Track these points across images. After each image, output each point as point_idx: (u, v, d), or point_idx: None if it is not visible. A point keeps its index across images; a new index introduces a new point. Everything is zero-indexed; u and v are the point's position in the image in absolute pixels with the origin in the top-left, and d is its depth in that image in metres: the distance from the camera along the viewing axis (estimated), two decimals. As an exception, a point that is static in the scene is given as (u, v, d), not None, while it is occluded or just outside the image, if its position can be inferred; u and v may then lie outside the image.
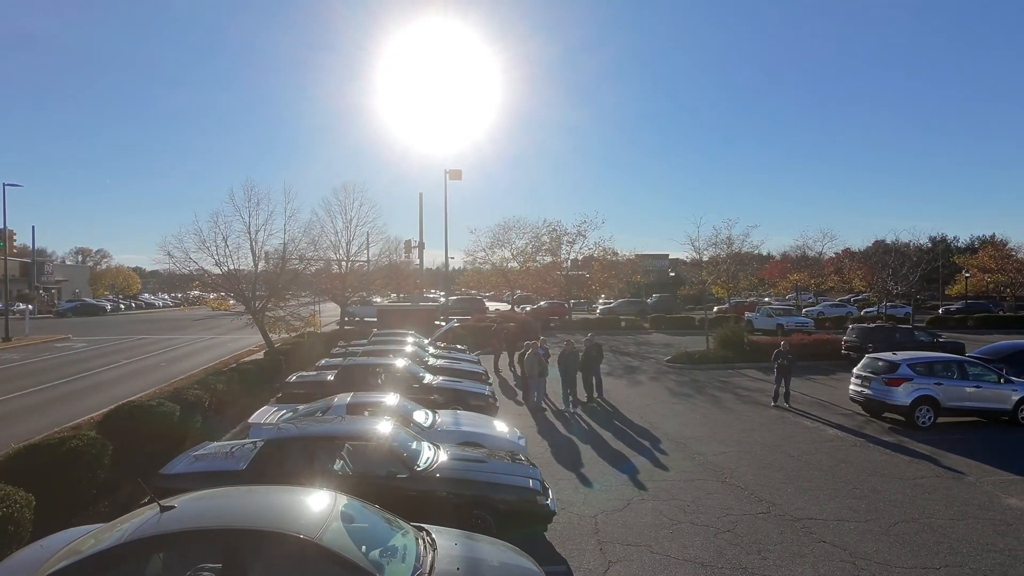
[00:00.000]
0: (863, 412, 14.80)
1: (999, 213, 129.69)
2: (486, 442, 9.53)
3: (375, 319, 26.82)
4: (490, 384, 16.25)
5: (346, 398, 9.93)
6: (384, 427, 7.49)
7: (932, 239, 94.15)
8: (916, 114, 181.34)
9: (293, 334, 19.93)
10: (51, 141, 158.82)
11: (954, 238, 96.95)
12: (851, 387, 14.84)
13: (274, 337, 19.53)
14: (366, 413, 9.80)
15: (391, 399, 9.93)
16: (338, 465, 7.16)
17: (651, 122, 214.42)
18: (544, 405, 15.40)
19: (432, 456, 7.48)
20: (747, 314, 38.96)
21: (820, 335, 25.42)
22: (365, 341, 20.14)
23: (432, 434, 9.43)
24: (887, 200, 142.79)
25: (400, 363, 13.57)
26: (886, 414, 14.22)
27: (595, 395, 16.28)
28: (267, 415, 9.94)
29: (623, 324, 38.77)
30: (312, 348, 20.51)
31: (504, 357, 22.01)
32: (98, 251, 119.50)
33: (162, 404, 10.06)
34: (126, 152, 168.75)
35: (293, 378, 13.48)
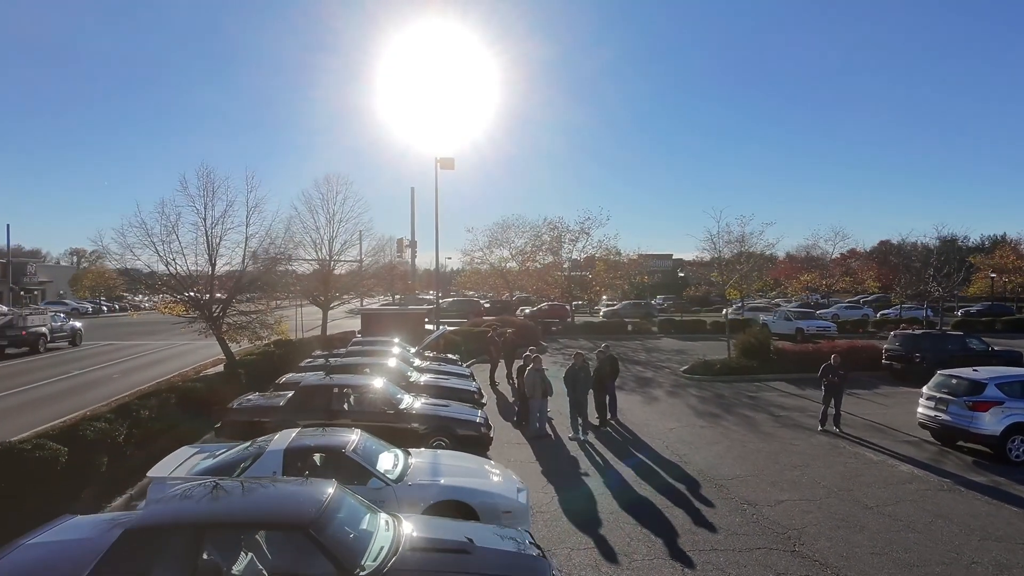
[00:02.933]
0: (933, 440, 12.30)
1: (1006, 212, 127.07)
2: (475, 500, 7.05)
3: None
4: (484, 403, 13.75)
5: (288, 437, 7.41)
6: (314, 505, 4.96)
7: (941, 238, 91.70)
8: (920, 114, 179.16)
9: (258, 343, 17.38)
10: (54, 141, 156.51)
11: (964, 238, 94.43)
12: (920, 410, 12.32)
13: (235, 348, 16.98)
14: (315, 459, 7.33)
15: (349, 439, 7.42)
16: (239, 567, 4.66)
17: (652, 122, 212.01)
18: (547, 431, 12.89)
19: (388, 545, 4.97)
20: (762, 317, 36.42)
21: (853, 341, 22.93)
22: (343, 350, 17.63)
23: (399, 492, 6.94)
24: (890, 200, 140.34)
25: (373, 383, 11.05)
26: (962, 443, 11.74)
27: (608, 417, 13.78)
28: (178, 463, 7.42)
29: (629, 328, 36.24)
30: (283, 359, 18.00)
31: (502, 367, 19.46)
32: (92, 252, 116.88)
33: (43, 446, 7.54)
34: (123, 152, 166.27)
35: (236, 404, 10.92)
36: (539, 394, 12.54)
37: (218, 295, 15.77)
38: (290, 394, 10.79)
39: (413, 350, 18.73)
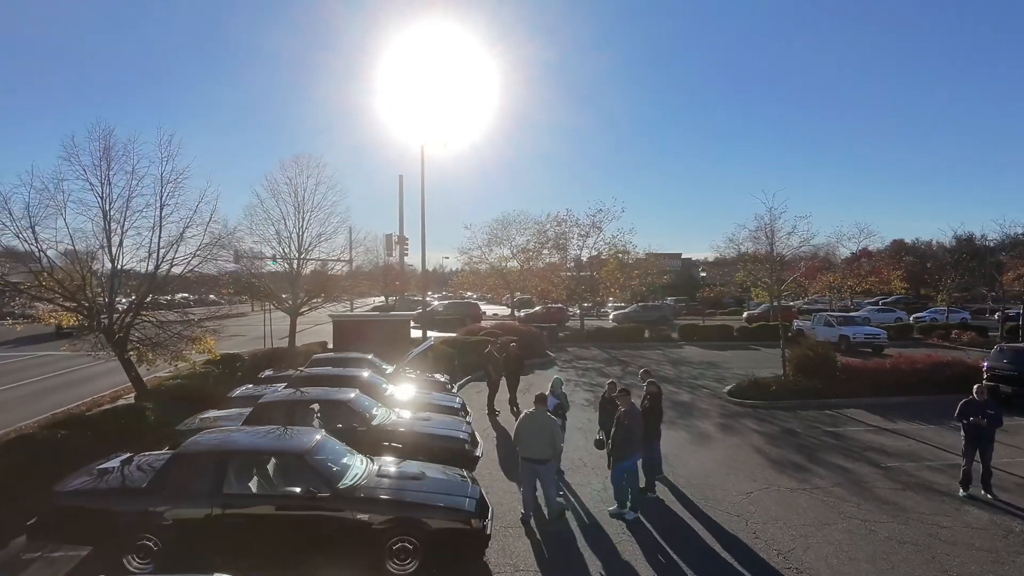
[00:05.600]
0: None
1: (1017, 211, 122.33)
2: None
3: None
4: (478, 455, 9.74)
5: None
6: None
7: (957, 237, 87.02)
8: (923, 114, 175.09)
9: (182, 364, 13.15)
10: (55, 137, 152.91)
11: (982, 236, 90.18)
12: None
13: (152, 371, 12.90)
14: None
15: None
16: None
17: (654, 123, 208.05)
18: (560, 500, 8.82)
19: None
20: (796, 322, 32.30)
21: (932, 355, 18.70)
22: (294, 372, 13.52)
23: None
24: (891, 200, 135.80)
25: (301, 444, 6.98)
26: None
27: (658, 473, 9.70)
28: None
29: (646, 334, 32.16)
30: (221, 383, 13.93)
31: (503, 388, 15.36)
32: (87, 252, 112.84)
33: None
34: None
35: (66, 485, 6.71)
36: (556, 450, 8.40)
37: (120, 301, 11.72)
38: (162, 463, 6.68)
39: (390, 369, 14.70)
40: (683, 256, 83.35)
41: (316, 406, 9.73)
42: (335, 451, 7.16)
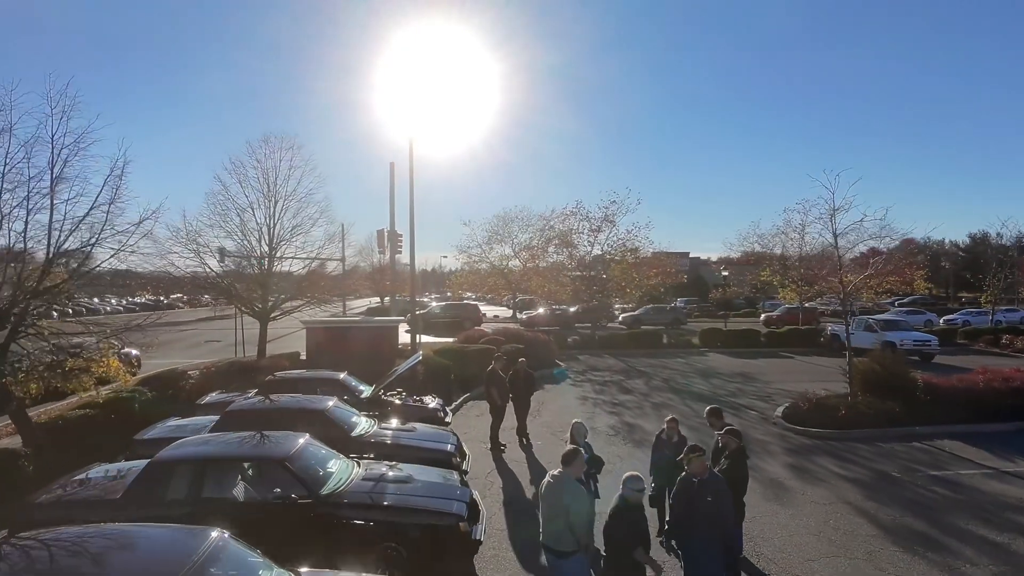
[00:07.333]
0: None
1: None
2: None
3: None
4: (479, 528, 6.72)
5: None
6: None
7: (972, 236, 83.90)
8: (929, 111, 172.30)
9: (88, 393, 10.01)
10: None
11: (997, 235, 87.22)
12: None
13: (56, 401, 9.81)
14: None
15: None
16: None
17: (655, 122, 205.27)
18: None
19: None
20: (830, 327, 29.22)
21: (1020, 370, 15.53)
22: (249, 398, 10.43)
23: None
24: (894, 200, 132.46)
25: (189, 550, 3.93)
26: None
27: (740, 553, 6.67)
28: None
29: (665, 340, 29.12)
30: (150, 414, 10.86)
31: (509, 413, 12.33)
32: (83, 252, 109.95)
33: None
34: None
35: None
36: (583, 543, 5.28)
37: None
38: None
39: (367, 391, 11.67)
40: (691, 255, 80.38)
41: (249, 466, 6.72)
42: (249, 561, 4.11)
